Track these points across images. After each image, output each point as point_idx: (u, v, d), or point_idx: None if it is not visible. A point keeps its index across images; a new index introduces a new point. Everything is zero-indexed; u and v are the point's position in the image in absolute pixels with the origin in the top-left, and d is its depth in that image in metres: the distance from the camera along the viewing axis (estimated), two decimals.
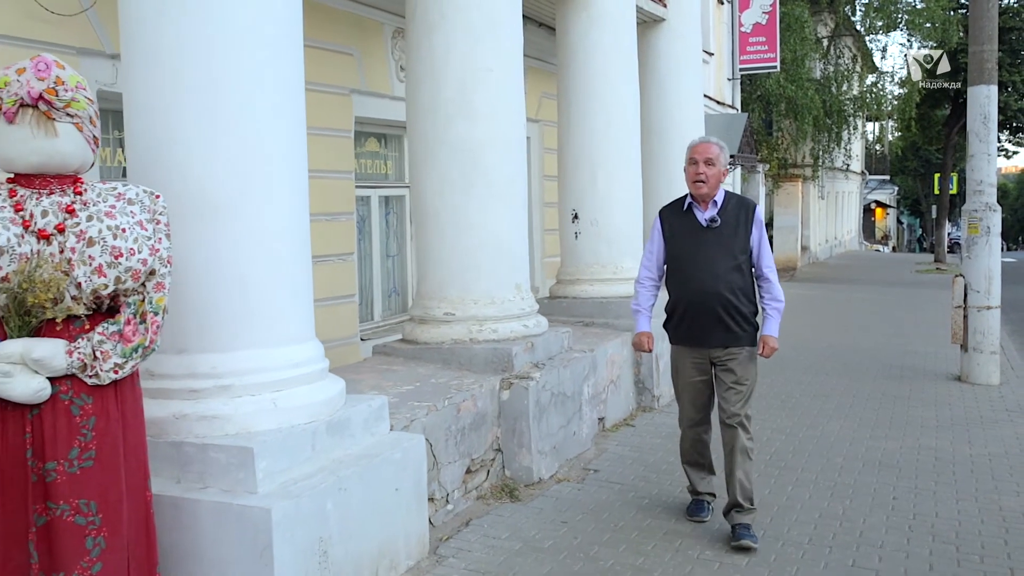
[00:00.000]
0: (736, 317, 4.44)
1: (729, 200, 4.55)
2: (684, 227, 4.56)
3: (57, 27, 4.59)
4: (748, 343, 4.50)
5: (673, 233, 4.60)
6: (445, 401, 4.72)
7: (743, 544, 4.29)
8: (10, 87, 2.73)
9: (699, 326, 4.49)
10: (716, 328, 4.45)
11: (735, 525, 4.42)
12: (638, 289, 4.78)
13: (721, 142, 4.56)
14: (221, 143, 3.52)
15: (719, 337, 4.46)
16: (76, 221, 2.78)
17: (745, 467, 4.44)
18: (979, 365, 8.43)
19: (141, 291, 2.89)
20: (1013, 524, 4.72)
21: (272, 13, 3.64)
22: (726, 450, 4.51)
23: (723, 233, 4.47)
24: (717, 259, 4.44)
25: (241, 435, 3.42)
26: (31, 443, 2.74)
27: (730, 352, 4.48)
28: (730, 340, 4.46)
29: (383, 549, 3.79)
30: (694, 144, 4.58)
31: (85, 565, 2.78)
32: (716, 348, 4.49)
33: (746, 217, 4.50)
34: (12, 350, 2.68)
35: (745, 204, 4.57)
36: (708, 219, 4.49)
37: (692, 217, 4.54)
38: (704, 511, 4.73)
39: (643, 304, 4.74)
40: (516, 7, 5.71)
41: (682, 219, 4.58)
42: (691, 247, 4.51)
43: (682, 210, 4.59)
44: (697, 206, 4.53)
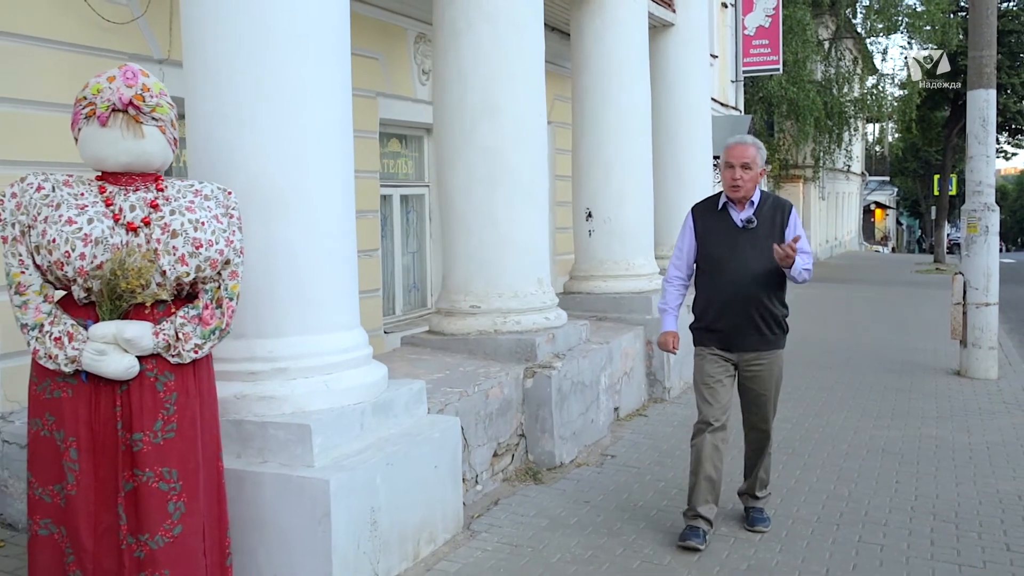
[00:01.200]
0: (769, 321, 4.38)
1: (765, 201, 4.46)
2: (719, 227, 4.46)
3: (112, 34, 4.87)
4: (777, 347, 4.46)
5: (707, 232, 4.49)
6: (474, 388, 5.01)
7: (758, 529, 4.54)
8: (103, 93, 3.02)
9: (731, 329, 4.39)
10: (748, 332, 4.38)
11: (749, 508, 4.64)
12: (666, 287, 4.67)
13: (758, 142, 4.45)
14: (271, 147, 3.78)
15: (751, 341, 4.39)
16: (160, 215, 3.07)
17: (766, 463, 4.62)
18: (978, 360, 8.72)
19: (217, 279, 3.18)
20: (1009, 505, 5.01)
21: (322, 29, 3.91)
22: (749, 449, 4.62)
23: (759, 234, 4.36)
24: (753, 261, 4.33)
25: (297, 414, 3.71)
26: (120, 416, 3.03)
27: (760, 356, 4.42)
28: (761, 344, 4.40)
29: (423, 522, 4.08)
30: (730, 146, 4.45)
31: (167, 527, 3.07)
32: (747, 352, 4.42)
33: (782, 219, 4.41)
34: (106, 331, 2.97)
35: (781, 205, 4.48)
36: (744, 220, 4.40)
37: (727, 217, 4.44)
38: (699, 538, 4.33)
39: (671, 303, 4.64)
40: (539, 15, 6.00)
41: (717, 218, 4.48)
42: (726, 248, 4.40)
43: (717, 209, 4.49)
44: (733, 206, 4.44)
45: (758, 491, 4.63)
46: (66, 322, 3.00)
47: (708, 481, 4.40)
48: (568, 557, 4.21)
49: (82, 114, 3.05)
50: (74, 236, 2.93)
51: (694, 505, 4.41)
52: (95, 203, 3.03)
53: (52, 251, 2.93)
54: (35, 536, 3.11)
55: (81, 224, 2.95)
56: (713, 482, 4.41)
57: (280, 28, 3.77)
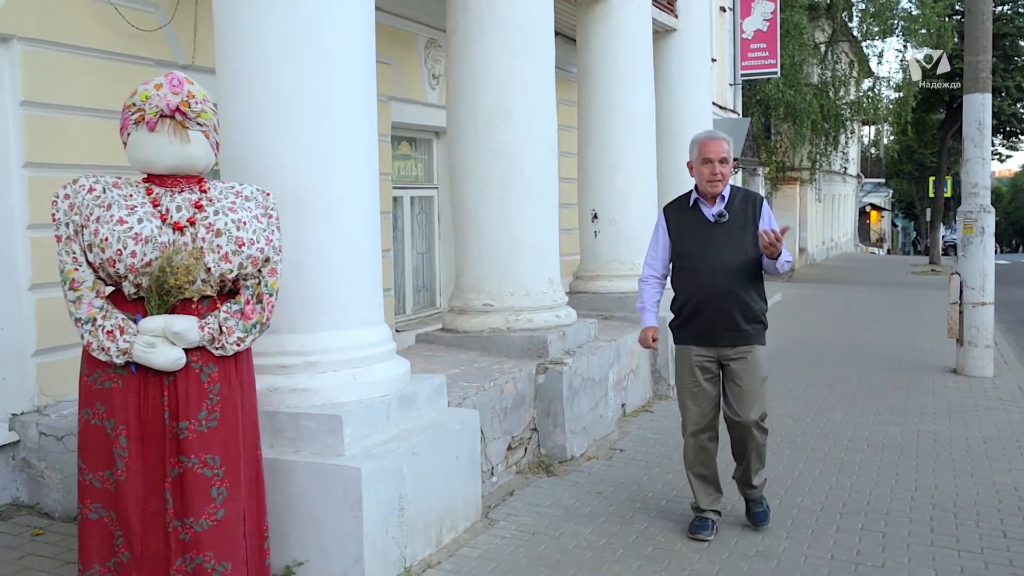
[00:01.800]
0: (747, 314, 4.36)
1: (736, 194, 4.45)
2: (691, 223, 4.45)
3: (140, 42, 5.04)
4: (758, 341, 4.42)
5: (680, 230, 4.48)
6: (490, 383, 5.19)
7: (761, 527, 4.55)
8: (151, 100, 3.20)
9: (709, 324, 4.37)
10: (726, 326, 4.35)
11: (750, 501, 4.63)
12: (643, 287, 4.66)
13: (728, 136, 4.45)
14: (300, 152, 3.96)
15: (729, 336, 4.37)
16: (205, 215, 3.24)
17: (759, 448, 4.48)
18: (974, 358, 8.91)
19: (257, 276, 3.35)
20: (1005, 496, 5.19)
21: (348, 43, 4.10)
22: (733, 439, 4.50)
23: (731, 228, 4.36)
24: (727, 255, 4.33)
25: (327, 405, 3.89)
26: (168, 405, 3.20)
27: (740, 351, 4.38)
28: (740, 339, 4.37)
29: (446, 510, 4.26)
30: (703, 140, 4.42)
31: (211, 511, 3.24)
32: (726, 347, 4.39)
33: (754, 212, 4.41)
34: (155, 325, 3.15)
35: (752, 198, 4.47)
36: (716, 214, 4.39)
37: (699, 213, 4.43)
38: (708, 529, 4.45)
39: (648, 301, 4.63)
40: (549, 23, 6.18)
41: (688, 215, 4.47)
42: (699, 243, 4.39)
43: (688, 206, 4.48)
44: (704, 202, 4.43)
45: (754, 478, 4.55)
46: (117, 316, 3.17)
47: (702, 479, 4.51)
48: (584, 544, 4.38)
49: (131, 120, 3.23)
50: (125, 235, 3.10)
51: (698, 502, 4.53)
52: (143, 204, 3.21)
53: (105, 249, 3.10)
54: (85, 520, 3.28)
55: (132, 224, 3.12)
56: (708, 479, 4.52)
57: (305, 42, 3.94)
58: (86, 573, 3.29)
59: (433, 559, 4.08)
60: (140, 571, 3.22)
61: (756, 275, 4.41)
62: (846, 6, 26.32)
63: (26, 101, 4.50)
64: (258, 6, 3.92)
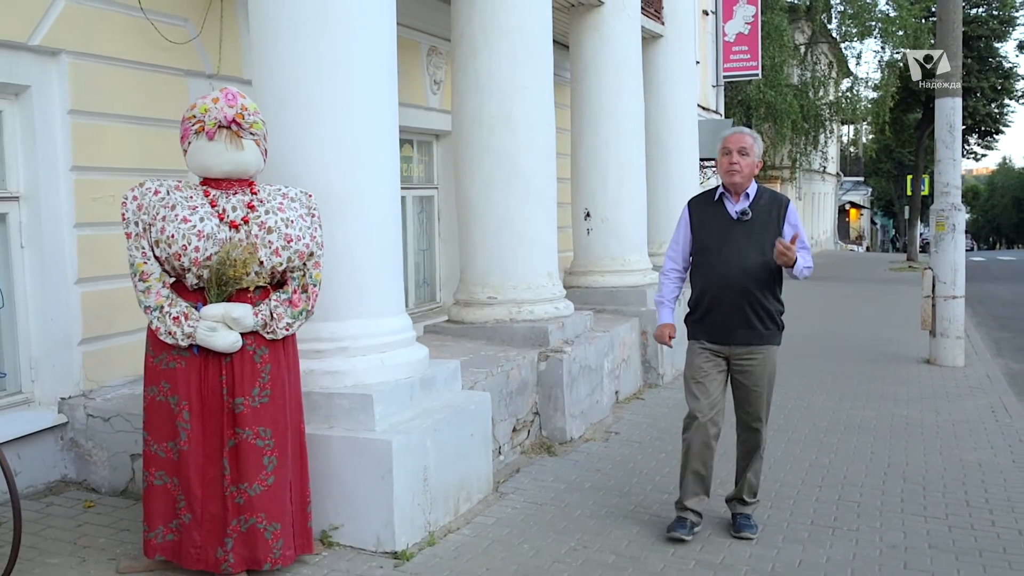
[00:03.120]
0: (761, 314, 4.32)
1: (762, 194, 4.40)
2: (713, 218, 4.40)
3: (172, 53, 5.42)
4: (771, 342, 4.39)
5: (702, 224, 4.44)
6: (497, 369, 5.62)
7: (743, 535, 4.44)
8: (210, 112, 3.61)
9: (722, 321, 4.34)
10: (740, 325, 4.32)
11: (737, 514, 4.54)
12: (662, 280, 4.63)
13: (756, 134, 4.40)
14: (330, 157, 4.37)
15: (742, 334, 4.33)
16: (257, 214, 3.65)
17: (756, 467, 4.51)
18: (946, 349, 9.41)
19: (303, 268, 3.77)
20: (970, 471, 5.66)
21: (372, 58, 4.50)
22: (740, 450, 4.53)
23: (754, 227, 4.31)
24: (746, 253, 4.28)
25: (358, 386, 4.30)
26: (225, 383, 3.62)
27: (752, 351, 4.35)
28: (753, 338, 4.34)
29: (462, 482, 4.67)
30: (727, 134, 4.40)
31: (263, 477, 3.66)
32: (738, 346, 4.35)
33: (779, 213, 4.35)
34: (216, 312, 3.56)
35: (778, 200, 4.41)
36: (739, 211, 4.34)
37: (722, 208, 4.39)
38: (686, 528, 4.41)
39: (666, 296, 4.60)
40: (548, 33, 6.61)
41: (712, 210, 4.42)
42: (719, 239, 4.35)
43: (712, 201, 4.44)
44: (728, 197, 4.38)
45: (746, 495, 4.53)
46: (181, 304, 3.58)
47: (696, 476, 4.44)
48: (587, 513, 4.82)
49: (192, 130, 3.64)
50: (189, 232, 3.51)
51: (682, 499, 4.48)
52: (203, 204, 3.62)
53: (171, 245, 3.51)
54: (151, 486, 3.69)
55: (194, 222, 3.53)
56: (702, 477, 4.45)
57: (332, 58, 4.35)
58: (151, 533, 3.70)
59: (452, 526, 4.50)
60: (200, 531, 3.64)
61: (775, 276, 4.37)
62: (825, 8, 26.82)
63: (73, 110, 4.87)
64: (292, 28, 4.32)
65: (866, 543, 4.42)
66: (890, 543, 4.42)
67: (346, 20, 4.36)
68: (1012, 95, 31.26)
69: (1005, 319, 14.40)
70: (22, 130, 4.77)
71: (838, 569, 4.10)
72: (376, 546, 4.08)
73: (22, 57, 4.67)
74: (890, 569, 4.11)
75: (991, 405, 7.56)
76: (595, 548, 4.31)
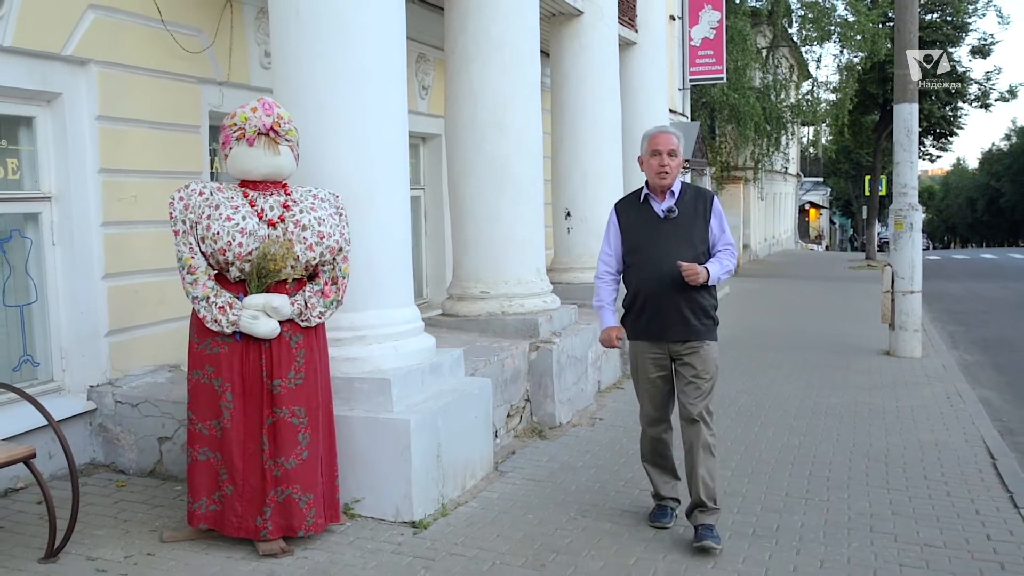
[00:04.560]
0: (696, 310, 4.35)
1: (686, 191, 4.45)
2: (641, 219, 4.44)
3: (187, 62, 5.76)
4: (708, 337, 4.40)
5: (630, 225, 4.47)
6: (494, 358, 6.02)
7: (705, 545, 4.22)
8: (250, 121, 3.98)
9: (658, 319, 4.37)
10: (675, 321, 4.34)
11: (698, 526, 4.35)
12: (599, 285, 4.64)
13: (678, 131, 4.46)
14: (347, 161, 4.74)
15: (678, 331, 4.35)
16: (292, 213, 4.03)
17: (708, 464, 4.36)
18: (904, 341, 9.96)
19: (333, 262, 4.15)
20: (927, 450, 6.16)
21: (384, 69, 4.89)
22: (686, 447, 4.43)
23: (681, 224, 4.37)
24: (675, 250, 4.30)
25: (375, 371, 4.68)
26: (264, 367, 3.99)
27: (690, 346, 4.37)
28: (690, 334, 4.36)
29: (467, 460, 5.07)
30: (653, 134, 4.42)
31: (297, 452, 4.03)
32: (676, 342, 4.38)
33: (704, 208, 4.40)
34: (257, 301, 3.93)
35: (703, 195, 4.47)
36: (666, 210, 4.37)
37: (649, 208, 4.42)
38: (667, 516, 4.57)
39: (605, 299, 4.62)
40: (536, 44, 7.03)
41: (639, 211, 4.46)
42: (649, 239, 4.39)
43: (638, 202, 4.47)
44: (654, 197, 4.42)
45: (704, 497, 4.33)
46: (225, 295, 3.95)
47: (659, 468, 4.64)
48: (582, 488, 5.24)
49: (233, 136, 4.00)
50: (234, 229, 3.88)
51: (657, 490, 4.66)
52: (243, 204, 3.99)
53: (216, 240, 3.87)
54: (195, 461, 4.05)
55: (237, 220, 3.90)
56: (665, 467, 4.62)
57: (350, 72, 4.72)
58: (195, 504, 4.06)
59: (461, 499, 4.90)
60: (241, 501, 4.01)
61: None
62: (786, 13, 27.52)
63: (100, 116, 5.20)
64: (313, 43, 4.68)
65: (836, 511, 4.89)
66: (857, 511, 4.89)
67: (363, 39, 4.73)
68: (965, 99, 32.29)
69: (959, 314, 15.08)
70: (54, 135, 5.09)
71: (811, 532, 4.56)
72: (395, 516, 4.47)
73: (55, 66, 4.99)
74: (858, 532, 4.57)
75: (946, 392, 8.10)
76: (592, 517, 4.74)
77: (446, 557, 4.12)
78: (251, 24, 6.33)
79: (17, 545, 4.10)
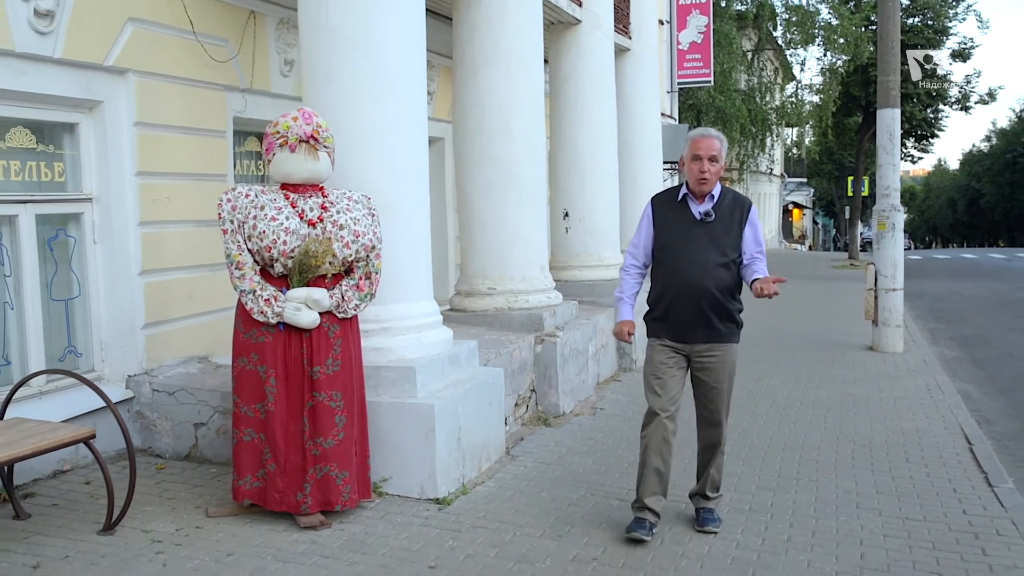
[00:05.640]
0: (721, 314, 4.36)
1: (726, 196, 4.44)
2: (676, 218, 4.43)
3: (214, 70, 6.10)
4: (731, 340, 4.45)
5: (665, 223, 4.47)
6: (503, 350, 6.40)
7: (708, 529, 4.51)
8: (292, 129, 4.34)
9: (682, 321, 4.37)
10: (699, 324, 4.35)
11: (700, 509, 4.60)
12: (623, 277, 4.65)
13: (721, 135, 4.43)
14: (374, 170, 5.07)
15: (702, 334, 4.37)
16: (330, 214, 4.39)
17: (718, 462, 4.57)
18: (887, 336, 10.40)
19: (366, 259, 4.51)
20: (908, 436, 6.58)
21: (409, 81, 5.24)
22: (702, 446, 4.58)
23: (716, 229, 4.36)
24: (707, 254, 4.32)
25: (400, 360, 5.05)
26: (305, 354, 4.35)
27: (712, 349, 4.39)
28: (712, 337, 4.38)
29: (483, 444, 5.45)
30: (695, 138, 4.41)
31: (335, 433, 4.40)
32: (698, 344, 4.40)
33: (740, 215, 4.40)
34: (300, 294, 4.30)
35: (741, 202, 4.45)
36: (703, 213, 4.38)
37: (686, 209, 4.42)
38: (644, 528, 4.39)
39: (626, 292, 4.61)
40: (540, 54, 7.42)
41: (675, 210, 4.46)
42: (682, 239, 4.38)
43: (676, 200, 4.47)
44: (692, 198, 4.42)
45: (709, 491, 4.59)
46: (269, 288, 4.31)
47: (656, 473, 4.43)
48: (589, 470, 5.63)
49: (276, 143, 4.37)
50: (278, 228, 4.24)
51: (641, 497, 4.46)
52: (285, 206, 4.35)
53: (262, 239, 4.23)
54: (240, 442, 4.41)
55: (281, 220, 4.26)
56: (661, 474, 4.44)
57: (375, 84, 5.06)
58: (240, 481, 4.42)
59: (478, 479, 5.28)
60: (283, 478, 4.37)
61: (734, 277, 4.41)
62: (771, 16, 28.02)
63: (138, 122, 5.54)
64: (341, 60, 5.03)
65: (824, 489, 5.30)
66: (844, 489, 5.30)
67: (387, 57, 5.08)
68: (946, 101, 32.91)
69: (939, 311, 15.57)
70: (95, 140, 5.43)
71: (803, 508, 4.96)
72: (420, 494, 4.85)
73: (97, 76, 5.33)
74: (845, 508, 4.97)
75: (927, 385, 8.53)
76: (601, 495, 5.12)
77: (470, 529, 4.50)
78: (272, 34, 6.67)
79: (75, 519, 4.45)
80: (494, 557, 4.18)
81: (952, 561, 4.26)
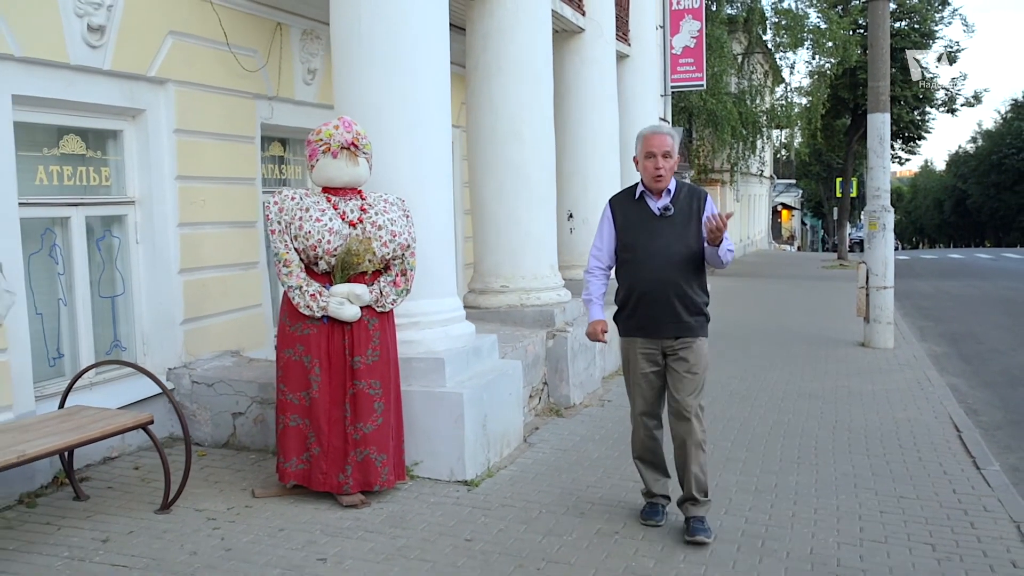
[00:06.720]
0: (689, 306, 4.41)
1: (681, 189, 4.49)
2: (637, 216, 4.48)
3: (244, 79, 6.44)
4: (700, 333, 4.47)
5: (626, 222, 4.50)
6: (518, 345, 6.75)
7: (697, 539, 4.37)
8: (334, 136, 4.69)
9: (652, 316, 4.42)
10: (669, 318, 4.40)
11: (690, 518, 4.50)
12: (588, 279, 4.70)
13: (672, 129, 4.44)
14: (403, 174, 5.41)
15: (671, 327, 4.41)
16: (369, 215, 4.74)
17: (699, 460, 4.46)
18: (878, 333, 10.80)
19: (402, 257, 4.86)
20: (901, 425, 6.96)
21: (437, 94, 5.59)
22: (677, 443, 4.51)
23: (676, 222, 4.41)
24: (671, 248, 4.38)
25: (429, 352, 5.40)
26: (347, 346, 4.69)
27: (683, 342, 4.42)
28: (682, 330, 4.41)
29: (503, 432, 5.80)
30: (647, 135, 4.46)
31: (373, 419, 4.74)
32: (668, 339, 4.43)
33: (698, 206, 4.44)
34: (343, 290, 4.65)
35: (697, 193, 4.50)
36: (661, 208, 4.42)
37: (644, 206, 4.47)
38: (658, 515, 4.63)
39: (594, 293, 4.68)
40: (549, 62, 7.77)
41: (634, 208, 4.50)
42: (644, 236, 4.43)
43: (633, 199, 4.52)
44: (649, 195, 4.47)
45: (696, 493, 4.47)
46: (314, 284, 4.66)
47: (651, 465, 4.70)
48: (604, 455, 5.99)
49: (319, 150, 4.71)
50: (323, 229, 4.58)
51: (648, 487, 4.71)
52: (328, 208, 4.69)
53: (308, 239, 4.57)
54: (286, 427, 4.76)
55: (325, 221, 4.61)
56: (656, 464, 4.69)
57: (402, 94, 5.40)
58: (286, 463, 4.77)
59: (501, 464, 5.64)
60: (326, 460, 4.72)
61: (699, 269, 4.47)
62: (761, 20, 28.43)
63: (177, 129, 5.88)
64: (371, 67, 5.38)
65: (824, 472, 5.67)
66: (842, 472, 5.68)
67: (415, 71, 5.41)
68: (933, 104, 33.46)
69: (928, 310, 16.00)
70: (138, 146, 5.76)
71: (805, 489, 5.33)
72: (450, 476, 5.20)
73: (140, 86, 5.66)
74: (844, 488, 5.35)
75: (917, 378, 8.92)
76: (617, 477, 5.49)
77: (499, 508, 4.86)
78: (296, 44, 7.02)
79: (131, 500, 4.79)
80: (524, 531, 4.54)
81: (943, 533, 4.64)
